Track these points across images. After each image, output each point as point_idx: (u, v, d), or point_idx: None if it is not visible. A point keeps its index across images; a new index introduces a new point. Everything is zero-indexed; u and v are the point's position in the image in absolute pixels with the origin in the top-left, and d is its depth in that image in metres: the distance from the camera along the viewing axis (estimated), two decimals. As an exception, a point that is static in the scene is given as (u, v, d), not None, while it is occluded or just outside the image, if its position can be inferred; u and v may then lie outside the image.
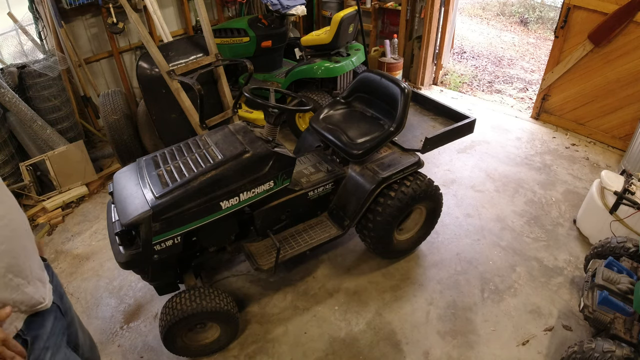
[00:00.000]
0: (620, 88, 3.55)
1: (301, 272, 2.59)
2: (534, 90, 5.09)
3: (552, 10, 7.77)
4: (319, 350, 2.15)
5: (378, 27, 5.05)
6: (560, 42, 3.80)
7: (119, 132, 3.30)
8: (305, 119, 3.85)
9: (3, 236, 0.97)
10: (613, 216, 2.52)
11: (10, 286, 0.98)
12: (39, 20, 3.52)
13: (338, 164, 2.49)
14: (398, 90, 2.30)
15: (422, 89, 4.99)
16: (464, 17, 8.33)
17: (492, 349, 2.15)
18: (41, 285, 1.10)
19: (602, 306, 1.90)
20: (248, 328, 2.27)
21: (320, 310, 2.36)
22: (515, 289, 2.47)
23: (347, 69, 3.69)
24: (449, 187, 3.33)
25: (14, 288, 0.99)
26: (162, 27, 3.41)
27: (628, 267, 2.07)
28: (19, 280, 1.01)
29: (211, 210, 1.88)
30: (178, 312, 1.88)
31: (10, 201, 1.04)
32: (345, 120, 2.53)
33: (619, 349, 1.68)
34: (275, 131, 2.19)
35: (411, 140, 2.52)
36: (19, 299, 1.00)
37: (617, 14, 3.31)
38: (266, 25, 3.91)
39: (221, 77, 3.25)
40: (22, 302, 1.02)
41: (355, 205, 2.31)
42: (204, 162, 1.91)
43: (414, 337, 2.21)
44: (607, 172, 2.69)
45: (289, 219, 2.35)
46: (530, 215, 3.04)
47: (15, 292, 0.99)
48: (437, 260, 2.68)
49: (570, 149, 3.83)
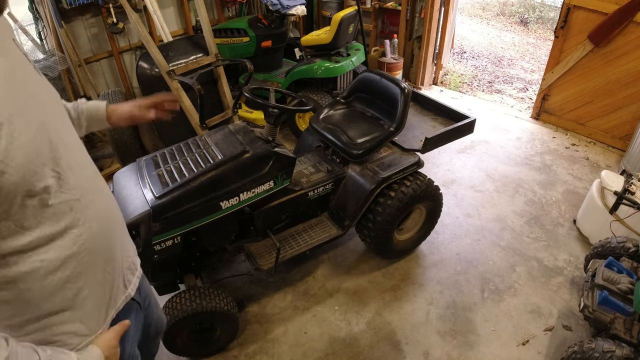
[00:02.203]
0: (620, 88, 3.55)
1: (301, 272, 2.59)
2: (534, 90, 5.09)
3: (552, 10, 7.77)
4: (319, 350, 2.15)
5: (378, 27, 5.05)
6: (560, 42, 3.81)
7: (119, 132, 3.30)
8: (305, 119, 3.85)
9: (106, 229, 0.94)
10: (613, 216, 2.52)
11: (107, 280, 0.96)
12: (39, 20, 3.52)
13: (338, 164, 2.49)
14: (398, 90, 2.30)
15: (422, 89, 4.99)
16: (464, 17, 8.33)
17: (492, 349, 2.15)
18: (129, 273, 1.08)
19: (602, 306, 1.90)
20: (248, 328, 2.27)
21: (320, 310, 2.36)
22: (515, 289, 2.47)
23: (347, 69, 3.69)
24: (449, 187, 3.33)
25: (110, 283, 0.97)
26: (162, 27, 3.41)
27: (628, 267, 2.07)
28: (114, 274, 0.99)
29: (211, 210, 1.88)
30: (178, 312, 1.88)
31: (107, 187, 1.02)
32: (345, 120, 2.53)
33: (619, 349, 1.68)
34: (275, 131, 2.19)
35: (411, 140, 2.52)
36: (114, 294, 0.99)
37: (617, 14, 3.31)
38: (266, 25, 3.91)
39: (221, 77, 3.25)
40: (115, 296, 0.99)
41: (355, 205, 2.31)
42: (204, 162, 1.91)
43: (414, 337, 2.21)
44: (607, 172, 2.69)
45: (289, 219, 2.35)
46: (530, 215, 3.04)
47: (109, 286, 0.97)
48: (437, 260, 2.68)
49: (570, 149, 3.83)
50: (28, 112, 0.75)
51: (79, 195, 0.85)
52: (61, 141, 0.83)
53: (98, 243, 0.90)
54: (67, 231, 0.83)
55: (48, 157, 0.78)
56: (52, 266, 0.81)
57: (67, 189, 0.82)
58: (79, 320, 0.89)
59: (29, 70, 0.85)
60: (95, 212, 0.89)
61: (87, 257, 0.88)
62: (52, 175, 0.78)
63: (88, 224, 0.87)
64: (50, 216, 0.79)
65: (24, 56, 0.86)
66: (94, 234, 0.88)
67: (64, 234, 0.82)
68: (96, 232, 0.89)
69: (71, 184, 0.83)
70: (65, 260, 0.83)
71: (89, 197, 0.88)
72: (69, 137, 0.88)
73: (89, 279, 0.90)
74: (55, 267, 0.82)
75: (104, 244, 0.93)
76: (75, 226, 0.84)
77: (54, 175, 0.79)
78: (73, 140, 0.90)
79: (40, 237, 0.78)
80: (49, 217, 0.79)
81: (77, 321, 0.89)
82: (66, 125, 0.90)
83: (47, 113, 0.83)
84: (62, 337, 0.87)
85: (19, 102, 0.74)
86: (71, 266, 0.85)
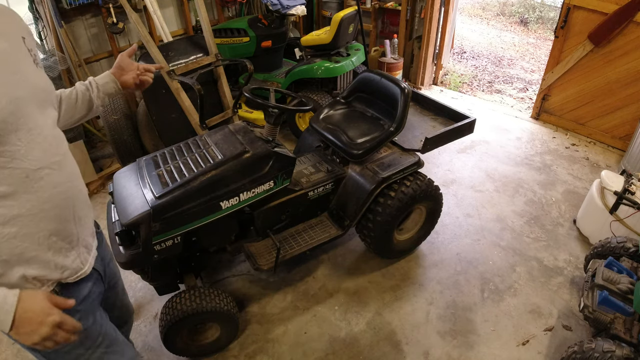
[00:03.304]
0: (620, 88, 3.55)
1: (301, 272, 2.59)
2: (534, 90, 5.09)
3: (552, 10, 7.77)
4: (319, 350, 2.15)
5: (378, 27, 5.05)
6: (560, 42, 3.81)
7: (119, 132, 3.29)
8: (305, 119, 3.85)
9: (56, 201, 1.03)
10: (613, 216, 2.52)
11: (54, 248, 1.05)
12: (39, 20, 3.52)
13: (338, 164, 2.49)
14: (398, 90, 2.30)
15: (422, 89, 4.99)
16: (464, 17, 8.33)
17: (492, 349, 2.15)
18: (85, 252, 1.17)
19: (602, 306, 1.90)
20: (248, 328, 2.27)
21: (320, 310, 2.36)
22: (515, 289, 2.47)
23: (347, 69, 3.69)
24: (449, 187, 3.33)
25: (57, 251, 1.05)
26: (162, 27, 3.41)
27: (628, 267, 2.07)
28: (62, 244, 1.07)
29: (211, 210, 1.88)
30: (178, 312, 1.88)
31: (74, 170, 1.12)
32: (345, 120, 2.53)
33: (619, 349, 1.68)
34: (275, 131, 2.19)
35: (411, 140, 2.52)
36: (60, 262, 1.07)
37: (617, 14, 3.31)
38: (266, 25, 3.91)
39: (221, 77, 3.25)
40: (63, 265, 1.07)
41: (355, 205, 2.31)
42: (204, 162, 1.91)
43: (414, 337, 2.21)
44: (607, 172, 2.69)
45: (289, 219, 2.35)
46: (530, 215, 3.04)
47: (57, 254, 1.06)
48: (437, 260, 2.68)
49: (570, 149, 3.83)
50: (6, 86, 0.92)
51: (37, 167, 0.97)
52: (32, 117, 0.98)
53: (46, 213, 1.00)
54: (18, 194, 0.94)
55: (15, 127, 0.92)
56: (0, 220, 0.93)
57: (27, 159, 0.95)
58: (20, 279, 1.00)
59: (27, 60, 1.02)
60: (49, 184, 1.00)
61: (34, 222, 0.99)
62: (15, 143, 0.92)
63: (40, 194, 0.98)
64: (6, 177, 0.92)
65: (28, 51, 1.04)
66: (43, 203, 0.99)
67: (15, 196, 0.94)
68: (45, 203, 1.00)
69: (32, 155, 0.96)
70: (12, 218, 0.95)
71: (46, 171, 1.00)
72: (44, 118, 1.03)
73: (33, 242, 1.00)
74: (2, 221, 0.94)
75: (52, 215, 1.02)
76: (27, 192, 0.96)
77: (17, 144, 0.93)
78: (46, 122, 1.04)
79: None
80: (5, 178, 0.92)
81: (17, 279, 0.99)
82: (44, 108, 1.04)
83: (29, 93, 0.98)
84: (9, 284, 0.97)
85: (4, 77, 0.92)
86: (18, 225, 0.96)
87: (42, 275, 1.03)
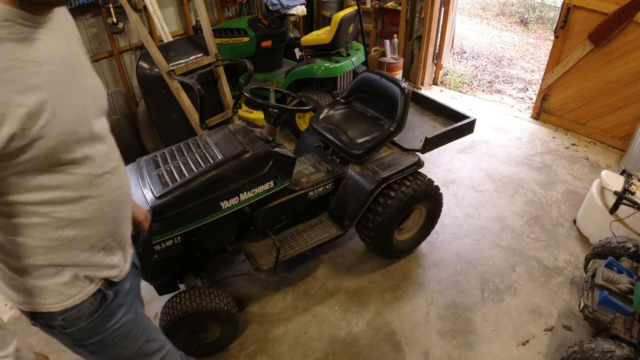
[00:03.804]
0: (620, 88, 3.55)
1: (301, 272, 2.59)
2: (534, 90, 5.09)
3: (552, 10, 7.78)
4: (319, 350, 2.15)
5: (378, 27, 5.05)
6: (560, 42, 3.81)
7: (119, 132, 3.29)
8: (305, 119, 3.85)
9: (114, 204, 1.05)
10: (613, 216, 2.52)
11: (106, 249, 1.07)
12: (39, 20, 3.52)
13: (338, 164, 2.49)
14: (398, 90, 2.30)
15: (422, 89, 4.99)
16: (464, 17, 8.33)
17: (492, 349, 2.15)
18: (128, 249, 1.20)
19: (602, 306, 1.90)
20: (248, 328, 2.27)
21: (320, 310, 2.36)
22: (515, 289, 2.47)
23: (347, 69, 3.69)
24: (449, 187, 3.33)
25: (108, 251, 1.08)
26: (162, 27, 3.41)
27: (628, 267, 2.07)
28: (114, 244, 1.10)
29: (211, 210, 1.88)
30: (178, 312, 1.88)
31: (125, 173, 1.14)
32: (345, 120, 2.53)
33: (619, 349, 1.68)
34: (275, 131, 2.18)
35: (411, 140, 2.52)
36: (110, 262, 1.09)
37: (617, 14, 3.31)
38: (266, 25, 3.90)
39: (221, 77, 3.25)
40: (112, 265, 1.10)
41: (355, 205, 2.31)
42: (204, 162, 1.91)
43: (414, 337, 2.21)
44: (607, 172, 2.69)
45: (289, 219, 2.35)
46: (530, 215, 3.04)
47: (108, 254, 1.08)
48: (437, 260, 2.68)
49: (570, 149, 3.83)
50: (76, 94, 0.91)
51: (100, 173, 0.99)
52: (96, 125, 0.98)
53: (105, 216, 1.03)
54: (82, 199, 0.96)
55: (83, 137, 0.93)
56: (62, 224, 0.94)
57: (91, 165, 0.96)
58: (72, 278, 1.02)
59: (84, 60, 1.00)
60: (109, 189, 1.03)
61: (93, 225, 1.01)
62: (83, 152, 0.93)
63: (101, 198, 1.00)
64: (72, 183, 0.93)
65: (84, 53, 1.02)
66: (102, 207, 1.01)
67: (79, 201, 0.96)
68: (105, 206, 1.02)
69: (96, 161, 0.97)
70: (73, 222, 0.96)
71: (107, 176, 1.02)
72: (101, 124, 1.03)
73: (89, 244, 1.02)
74: (64, 225, 0.95)
75: (109, 217, 1.05)
76: (90, 197, 0.97)
77: (85, 152, 0.94)
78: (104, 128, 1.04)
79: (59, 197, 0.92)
80: (71, 184, 0.93)
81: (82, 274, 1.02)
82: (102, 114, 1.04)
83: (91, 101, 0.98)
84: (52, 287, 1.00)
85: (70, 83, 0.90)
86: (77, 229, 0.98)
87: (92, 275, 1.05)
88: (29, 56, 0.81)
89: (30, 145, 0.82)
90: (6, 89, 0.77)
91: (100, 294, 1.07)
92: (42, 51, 0.84)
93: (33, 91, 0.81)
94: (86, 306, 1.05)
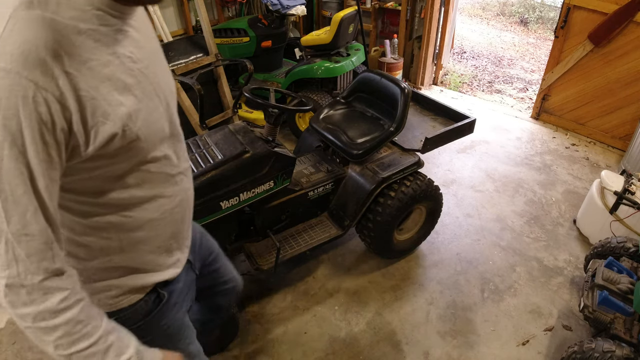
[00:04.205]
0: (620, 88, 3.55)
1: (301, 272, 2.59)
2: (534, 90, 5.09)
3: (552, 10, 7.78)
4: (319, 350, 2.15)
5: (378, 27, 5.05)
6: (560, 42, 3.81)
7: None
8: (305, 119, 3.85)
9: (183, 205, 1.03)
10: (613, 216, 2.52)
11: (167, 250, 1.04)
12: (39, 20, 3.52)
13: (338, 164, 2.49)
14: (398, 90, 2.30)
15: (422, 89, 4.99)
16: (464, 17, 8.34)
17: (492, 349, 2.15)
18: (186, 249, 1.15)
19: (602, 306, 1.90)
20: (248, 328, 2.27)
21: (320, 310, 2.36)
22: (515, 289, 2.47)
23: (347, 69, 3.69)
24: (449, 187, 3.33)
25: (168, 251, 1.04)
26: (162, 27, 3.41)
27: (628, 267, 2.07)
28: (175, 245, 1.06)
29: (211, 210, 1.88)
30: (178, 312, 1.87)
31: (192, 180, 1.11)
32: (345, 120, 2.53)
33: (619, 349, 1.68)
34: (275, 131, 2.18)
35: (411, 140, 2.52)
36: (168, 262, 1.06)
37: (617, 14, 3.31)
38: (266, 25, 3.90)
39: (221, 77, 3.25)
40: (170, 264, 1.06)
41: (355, 205, 2.31)
42: (204, 162, 1.91)
43: (414, 337, 2.21)
44: (607, 172, 2.69)
45: (289, 219, 2.35)
46: (530, 215, 3.04)
47: (167, 255, 1.05)
48: (437, 260, 2.68)
49: (570, 149, 3.83)
50: (160, 92, 0.88)
51: (175, 172, 0.97)
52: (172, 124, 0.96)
53: (173, 217, 1.00)
54: (156, 198, 0.93)
55: (166, 135, 0.91)
56: (135, 224, 0.91)
57: (168, 165, 0.93)
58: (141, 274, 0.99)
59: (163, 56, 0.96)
60: (182, 190, 1.01)
61: (161, 226, 0.97)
62: (163, 151, 0.90)
63: (173, 198, 0.97)
64: (149, 182, 0.89)
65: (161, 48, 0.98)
66: (173, 207, 0.99)
67: (153, 200, 0.92)
68: (176, 207, 1.00)
69: (173, 161, 0.95)
70: (145, 223, 0.93)
71: (181, 177, 0.99)
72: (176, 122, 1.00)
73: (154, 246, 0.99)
74: (137, 226, 0.92)
75: (176, 218, 1.02)
76: (164, 196, 0.94)
77: (165, 151, 0.91)
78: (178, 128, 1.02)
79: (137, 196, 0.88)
80: (147, 183, 0.89)
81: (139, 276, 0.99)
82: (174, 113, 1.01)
83: (171, 98, 0.95)
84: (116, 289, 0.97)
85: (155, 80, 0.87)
86: (147, 230, 0.94)
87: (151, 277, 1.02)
88: (123, 51, 0.77)
89: (127, 147, 0.78)
90: (107, 86, 0.73)
91: (154, 293, 1.04)
92: (133, 46, 0.80)
93: (129, 90, 0.77)
94: (141, 306, 1.02)
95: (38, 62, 0.63)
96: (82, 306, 0.75)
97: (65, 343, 0.73)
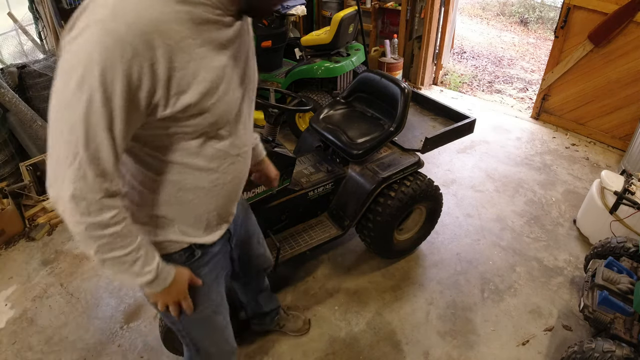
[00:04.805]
0: (620, 88, 3.56)
1: (301, 272, 2.59)
2: (534, 90, 5.09)
3: (552, 10, 7.78)
4: (319, 350, 2.15)
5: (378, 27, 5.05)
6: (560, 42, 3.81)
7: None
8: (305, 119, 3.85)
9: (233, 184, 1.13)
10: (613, 216, 2.52)
11: (209, 222, 1.14)
12: (39, 20, 3.52)
13: (338, 164, 2.49)
14: (398, 90, 2.30)
15: (422, 89, 4.99)
16: (464, 17, 8.34)
17: (492, 349, 2.15)
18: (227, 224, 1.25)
19: (602, 306, 1.90)
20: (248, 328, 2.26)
21: (320, 310, 2.36)
22: (515, 289, 2.47)
23: (347, 69, 3.69)
24: (449, 187, 3.33)
25: (209, 225, 1.15)
26: (162, 27, 3.40)
27: (628, 267, 2.07)
28: (218, 220, 1.17)
29: (211, 210, 1.87)
30: (178, 312, 1.87)
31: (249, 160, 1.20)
32: (345, 120, 2.53)
33: (619, 349, 1.69)
34: (275, 131, 2.18)
35: (411, 140, 2.52)
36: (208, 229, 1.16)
37: (617, 14, 3.31)
38: (266, 25, 3.90)
39: (221, 77, 3.25)
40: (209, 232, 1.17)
41: (355, 205, 2.31)
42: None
43: (414, 337, 2.21)
44: (607, 172, 2.69)
45: (288, 219, 2.35)
46: (530, 215, 3.04)
47: (209, 225, 1.15)
48: (437, 260, 2.68)
49: (570, 149, 3.83)
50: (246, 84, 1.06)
51: (234, 153, 1.07)
52: (243, 112, 1.08)
53: (220, 192, 1.10)
54: (211, 171, 1.04)
55: (232, 118, 1.01)
56: (188, 186, 1.03)
57: (229, 144, 1.04)
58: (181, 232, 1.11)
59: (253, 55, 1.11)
60: (235, 170, 1.11)
61: (208, 197, 1.08)
62: (227, 130, 1.01)
63: (225, 175, 1.08)
64: (207, 154, 1.01)
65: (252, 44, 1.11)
66: (223, 184, 1.09)
67: (206, 171, 1.03)
68: (226, 184, 1.10)
69: (234, 142, 1.06)
70: (194, 188, 1.04)
71: (238, 158, 1.10)
72: (249, 112, 1.13)
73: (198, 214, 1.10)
74: (187, 189, 1.04)
75: (223, 193, 1.12)
76: (217, 171, 1.05)
77: (228, 130, 1.02)
78: (249, 117, 1.14)
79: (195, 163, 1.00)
80: (206, 155, 1.00)
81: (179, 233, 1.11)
82: (251, 104, 1.14)
83: (251, 87, 1.11)
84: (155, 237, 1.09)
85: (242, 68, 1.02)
86: (194, 194, 1.05)
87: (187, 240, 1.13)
88: (219, 36, 0.89)
89: (198, 115, 0.90)
90: (198, 64, 0.85)
91: (189, 250, 1.14)
92: (230, 35, 0.92)
93: (216, 70, 0.90)
94: (175, 258, 1.12)
95: (141, 32, 0.75)
96: (125, 223, 0.91)
97: (105, 250, 0.89)
